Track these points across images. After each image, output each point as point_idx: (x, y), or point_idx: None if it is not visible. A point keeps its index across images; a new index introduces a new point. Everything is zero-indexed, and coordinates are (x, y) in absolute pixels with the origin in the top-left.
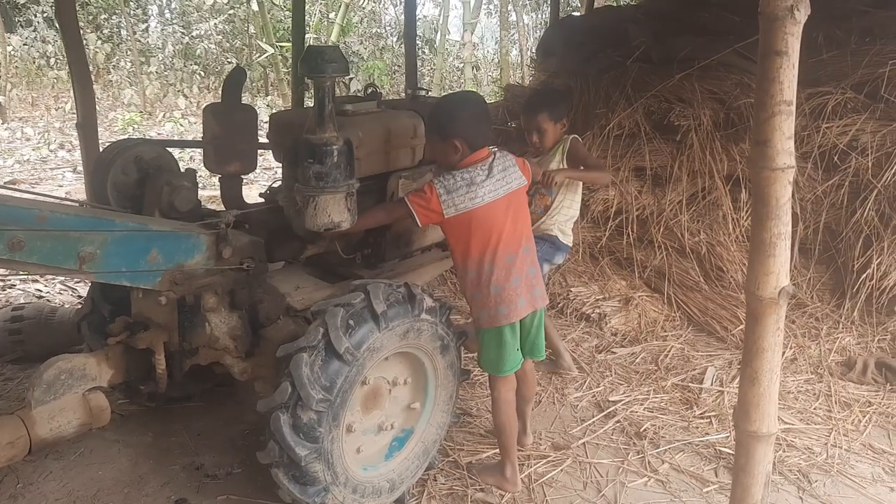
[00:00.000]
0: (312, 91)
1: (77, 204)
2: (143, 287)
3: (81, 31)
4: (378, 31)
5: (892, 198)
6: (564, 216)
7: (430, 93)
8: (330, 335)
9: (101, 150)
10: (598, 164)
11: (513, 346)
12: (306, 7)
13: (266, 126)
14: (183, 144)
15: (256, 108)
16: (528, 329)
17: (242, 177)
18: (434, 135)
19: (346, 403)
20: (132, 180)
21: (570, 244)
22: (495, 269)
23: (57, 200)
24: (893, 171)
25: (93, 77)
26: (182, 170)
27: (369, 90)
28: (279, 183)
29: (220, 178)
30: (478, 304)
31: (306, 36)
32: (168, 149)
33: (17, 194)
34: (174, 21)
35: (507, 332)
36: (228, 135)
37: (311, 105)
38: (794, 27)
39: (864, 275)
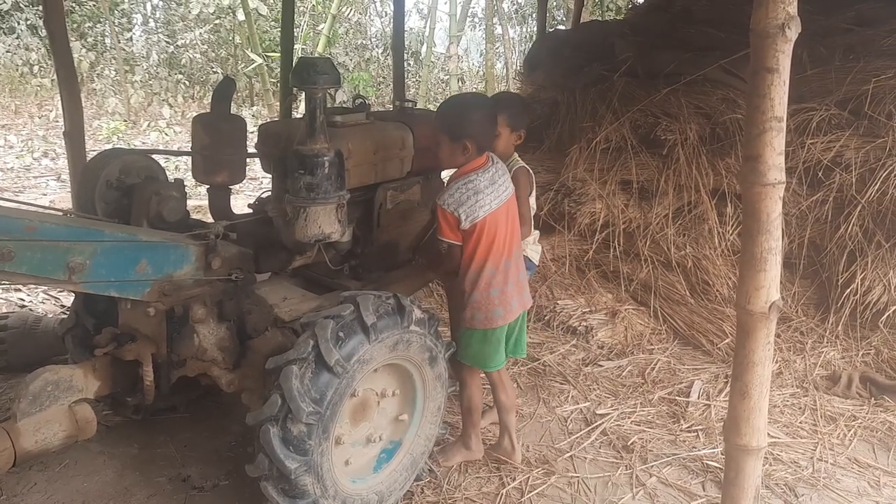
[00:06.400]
0: (304, 102)
1: (61, 213)
2: (131, 298)
3: None
4: (363, 42)
5: (875, 213)
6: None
7: (416, 105)
8: (320, 347)
9: (87, 159)
10: (524, 216)
11: (503, 346)
12: (293, 18)
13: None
14: (171, 154)
15: (241, 117)
16: (514, 328)
17: (230, 187)
18: (444, 135)
19: (336, 416)
20: (120, 190)
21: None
22: (497, 272)
23: (43, 210)
24: (877, 187)
25: None
26: (170, 180)
27: (358, 102)
28: (268, 193)
29: (208, 188)
30: (474, 306)
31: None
32: (155, 158)
33: (4, 203)
34: (159, 30)
35: (501, 332)
36: (217, 145)
37: (301, 116)
38: (785, 45)
39: (849, 289)
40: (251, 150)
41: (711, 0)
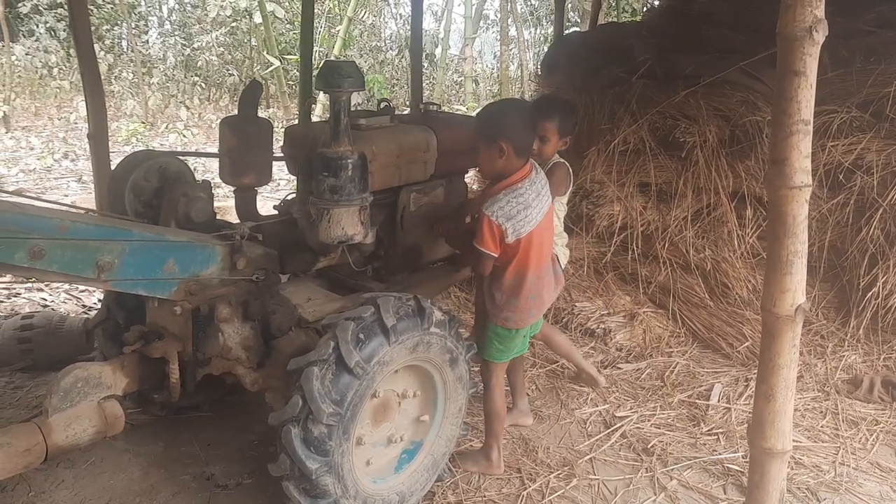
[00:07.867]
0: (328, 105)
1: (83, 212)
2: (158, 297)
3: None
4: (378, 44)
5: None
6: (562, 238)
7: (441, 107)
8: (340, 349)
9: (110, 160)
10: None
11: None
12: (313, 22)
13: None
14: (198, 155)
15: (268, 121)
16: None
17: (257, 189)
18: (480, 138)
19: (357, 417)
20: (150, 191)
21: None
22: (536, 279)
23: (76, 210)
24: None
25: None
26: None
27: (382, 105)
28: (293, 195)
29: (234, 189)
30: (510, 308)
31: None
32: (182, 160)
33: (38, 203)
34: (175, 33)
35: (528, 328)
36: (244, 147)
37: (324, 118)
38: (813, 48)
39: (870, 293)
40: (277, 153)
41: (729, 2)
